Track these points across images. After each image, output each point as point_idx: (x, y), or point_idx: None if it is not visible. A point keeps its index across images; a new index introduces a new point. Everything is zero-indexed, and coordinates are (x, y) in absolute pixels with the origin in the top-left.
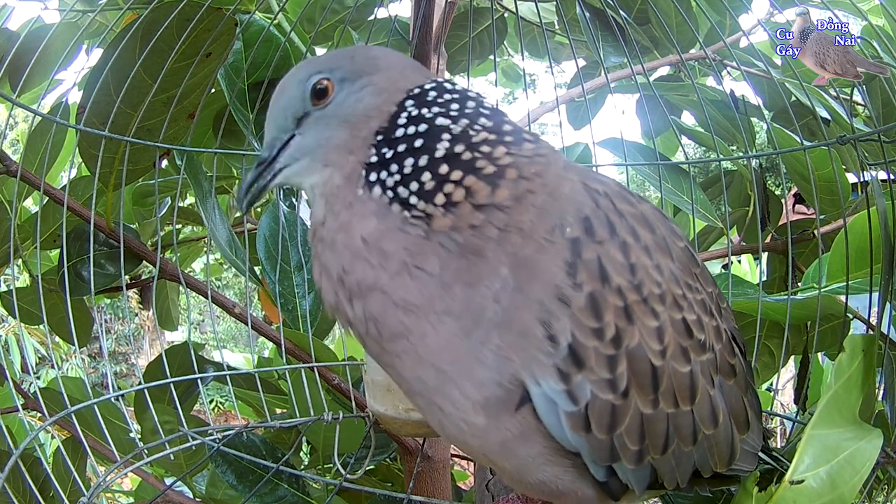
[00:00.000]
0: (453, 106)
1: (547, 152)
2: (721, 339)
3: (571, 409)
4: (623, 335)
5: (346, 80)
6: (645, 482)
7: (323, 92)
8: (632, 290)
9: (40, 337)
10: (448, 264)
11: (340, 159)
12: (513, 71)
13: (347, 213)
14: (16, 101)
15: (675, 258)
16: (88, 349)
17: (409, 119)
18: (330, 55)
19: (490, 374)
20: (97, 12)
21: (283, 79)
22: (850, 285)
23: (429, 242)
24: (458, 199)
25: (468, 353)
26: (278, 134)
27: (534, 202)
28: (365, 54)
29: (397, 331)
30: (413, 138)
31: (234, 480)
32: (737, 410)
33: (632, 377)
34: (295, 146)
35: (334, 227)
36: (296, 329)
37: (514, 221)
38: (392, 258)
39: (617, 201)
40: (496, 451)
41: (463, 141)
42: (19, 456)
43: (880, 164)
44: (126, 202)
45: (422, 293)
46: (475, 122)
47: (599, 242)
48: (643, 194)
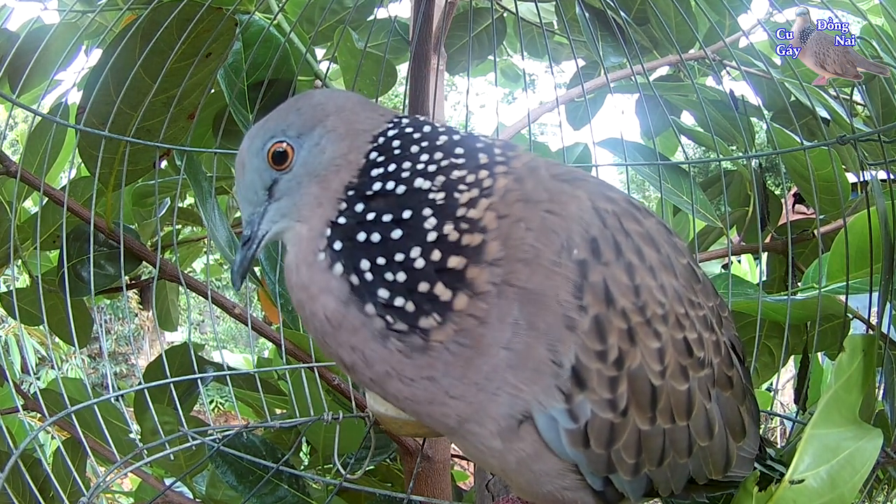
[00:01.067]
0: (423, 157)
1: (519, 166)
2: (720, 353)
3: (571, 426)
4: (625, 357)
5: (302, 135)
6: (641, 491)
7: (283, 155)
8: (636, 312)
9: (40, 337)
10: (453, 363)
11: (310, 213)
12: (512, 71)
13: (307, 273)
14: (16, 101)
15: (679, 275)
16: (88, 349)
17: (383, 175)
18: (274, 116)
19: (505, 410)
20: (97, 13)
21: (238, 154)
22: (850, 285)
23: (425, 356)
24: (460, 306)
25: (484, 400)
26: (254, 209)
27: (528, 225)
28: (308, 103)
29: (407, 406)
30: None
31: (234, 481)
32: (733, 419)
33: (631, 396)
34: (273, 211)
35: (297, 282)
36: (296, 329)
37: (514, 258)
38: (374, 365)
39: (624, 220)
40: (513, 468)
41: (449, 216)
42: (19, 456)
43: (880, 164)
44: (126, 202)
45: (424, 392)
46: (451, 173)
47: (605, 264)
48: (643, 194)
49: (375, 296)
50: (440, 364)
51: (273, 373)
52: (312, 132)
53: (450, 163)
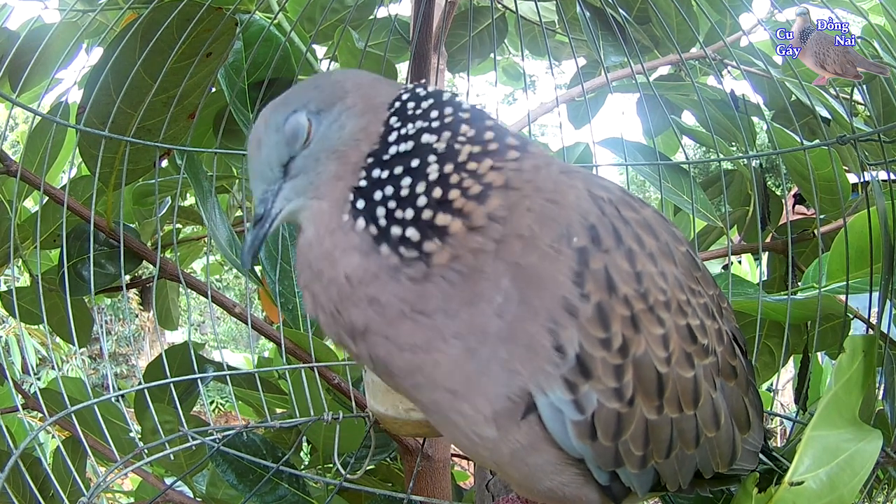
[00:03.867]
0: (433, 115)
1: (535, 156)
2: (723, 342)
3: (578, 417)
4: (630, 344)
5: (321, 111)
6: (648, 485)
7: (303, 130)
8: (638, 299)
9: (41, 338)
10: (451, 294)
11: (331, 189)
12: (513, 69)
13: (330, 240)
14: (16, 101)
15: (678, 263)
16: (89, 350)
17: (398, 138)
18: (293, 92)
19: (499, 388)
20: (97, 12)
21: (253, 131)
22: (850, 285)
23: (428, 283)
24: (455, 229)
25: (477, 371)
26: (268, 186)
27: (530, 206)
28: (328, 80)
29: (407, 369)
30: (399, 160)
31: (235, 480)
32: (738, 411)
33: (638, 385)
34: (288, 189)
35: (318, 253)
36: (296, 329)
37: (512, 229)
38: (388, 307)
39: (622, 208)
40: (507, 461)
41: (450, 159)
42: (19, 456)
43: (880, 163)
44: (126, 202)
45: (427, 333)
46: (457, 133)
47: (606, 251)
48: (643, 194)
49: (389, 234)
50: (439, 293)
51: (273, 372)
52: (332, 109)
53: (455, 119)
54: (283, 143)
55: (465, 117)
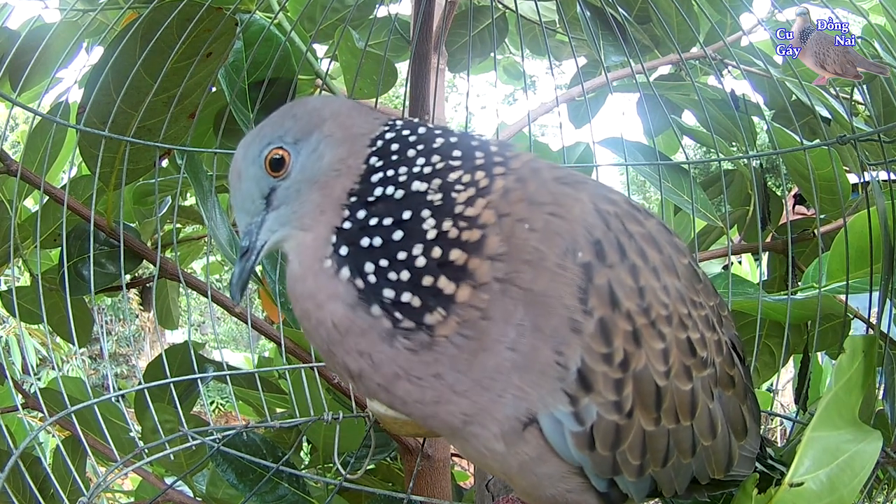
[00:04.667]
0: (419, 161)
1: (518, 167)
2: (722, 352)
3: (577, 429)
4: (631, 359)
5: (299, 141)
6: (645, 492)
7: (280, 162)
8: (640, 314)
9: (41, 338)
10: (459, 356)
11: (313, 221)
12: (514, 69)
13: (313, 282)
14: (16, 100)
15: (681, 276)
16: (89, 350)
17: (383, 179)
18: (269, 123)
19: (509, 411)
20: (97, 11)
21: (232, 164)
22: (850, 285)
23: (431, 351)
24: (463, 297)
25: (490, 401)
26: (251, 219)
27: (531, 225)
28: (304, 109)
29: (414, 410)
30: (386, 207)
31: (235, 480)
32: (735, 419)
33: (637, 398)
34: (272, 220)
35: (303, 292)
36: (296, 328)
37: (516, 258)
38: (382, 366)
39: (627, 222)
40: (515, 471)
41: (447, 214)
42: (19, 456)
43: (880, 163)
44: (126, 201)
45: (432, 393)
46: (448, 180)
47: (610, 266)
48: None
49: (381, 296)
50: (446, 359)
51: (273, 372)
52: (310, 138)
53: (446, 164)
54: (262, 176)
55: (455, 155)
